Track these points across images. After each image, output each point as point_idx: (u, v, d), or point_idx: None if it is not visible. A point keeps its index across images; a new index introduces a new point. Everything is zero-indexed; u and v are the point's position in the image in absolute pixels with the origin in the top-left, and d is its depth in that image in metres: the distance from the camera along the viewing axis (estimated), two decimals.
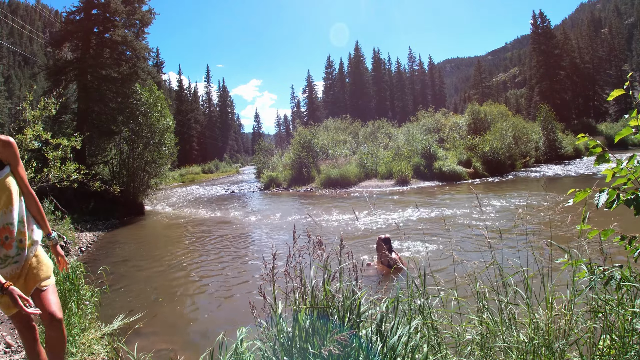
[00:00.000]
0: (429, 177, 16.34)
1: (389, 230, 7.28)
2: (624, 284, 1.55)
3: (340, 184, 16.63)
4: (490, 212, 8.32)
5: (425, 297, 1.96)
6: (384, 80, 69.19)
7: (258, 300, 1.81)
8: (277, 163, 22.55)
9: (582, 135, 1.67)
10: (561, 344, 1.54)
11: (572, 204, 1.65)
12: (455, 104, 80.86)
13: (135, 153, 12.13)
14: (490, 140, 18.36)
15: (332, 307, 1.80)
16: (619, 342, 1.49)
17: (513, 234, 5.74)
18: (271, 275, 1.81)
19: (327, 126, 28.46)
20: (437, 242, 6.04)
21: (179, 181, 31.04)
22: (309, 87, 71.62)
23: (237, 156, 70.94)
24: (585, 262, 1.69)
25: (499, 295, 1.88)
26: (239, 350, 1.76)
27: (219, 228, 9.22)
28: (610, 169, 1.59)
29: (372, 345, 1.62)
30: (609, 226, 1.66)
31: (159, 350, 3.15)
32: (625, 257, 1.84)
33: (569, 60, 48.26)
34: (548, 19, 48.18)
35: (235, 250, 6.86)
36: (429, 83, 77.16)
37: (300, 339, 1.68)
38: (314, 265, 1.94)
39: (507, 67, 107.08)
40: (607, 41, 55.34)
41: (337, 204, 11.85)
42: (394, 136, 23.92)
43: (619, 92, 1.62)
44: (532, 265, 1.99)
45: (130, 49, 13.64)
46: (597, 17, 75.56)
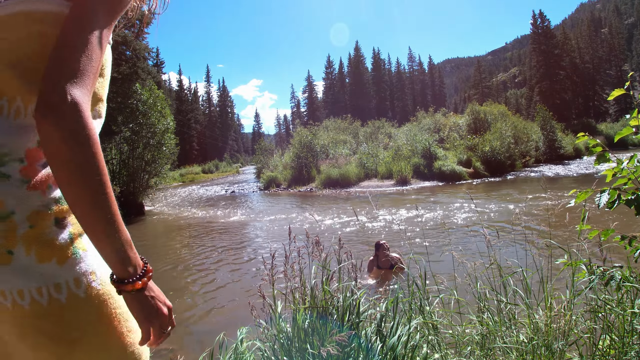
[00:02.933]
0: (429, 177, 16.34)
1: (389, 230, 7.28)
2: (624, 284, 1.55)
3: (340, 184, 16.63)
4: (490, 212, 8.32)
5: (425, 297, 1.96)
6: (384, 80, 69.23)
7: (258, 300, 1.81)
8: (277, 163, 22.54)
9: (582, 134, 1.66)
10: (561, 345, 1.54)
11: (572, 205, 1.65)
12: (455, 104, 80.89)
13: (136, 153, 12.13)
14: (490, 140, 18.36)
15: (332, 307, 1.80)
16: (619, 342, 1.49)
17: (512, 234, 5.73)
18: (270, 275, 1.81)
19: (327, 126, 28.46)
20: (437, 242, 6.04)
21: (179, 181, 31.05)
22: (309, 87, 71.66)
23: (237, 156, 70.94)
24: (585, 263, 1.69)
25: (499, 295, 1.88)
26: (239, 350, 1.76)
27: (219, 228, 9.22)
28: (611, 169, 1.59)
29: (372, 345, 1.62)
30: (609, 226, 1.66)
31: (158, 350, 3.14)
32: (622, 257, 1.85)
33: (569, 60, 48.27)
34: (548, 19, 48.20)
35: (235, 250, 6.87)
36: (428, 83, 77.21)
37: (300, 338, 1.68)
38: (313, 265, 1.94)
39: (507, 67, 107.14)
40: (607, 41, 55.37)
41: (337, 204, 11.85)
42: (394, 136, 23.92)
43: (619, 91, 1.62)
44: (532, 265, 1.99)
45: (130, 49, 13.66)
46: (597, 17, 75.60)
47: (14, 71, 0.63)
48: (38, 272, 0.59)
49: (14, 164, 0.61)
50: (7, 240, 0.59)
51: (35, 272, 0.59)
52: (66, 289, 0.60)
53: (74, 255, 0.63)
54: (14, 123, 0.63)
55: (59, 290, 0.60)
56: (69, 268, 0.62)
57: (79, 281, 0.62)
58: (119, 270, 0.61)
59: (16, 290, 0.58)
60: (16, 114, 0.63)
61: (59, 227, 0.63)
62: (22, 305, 0.58)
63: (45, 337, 0.59)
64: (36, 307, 0.58)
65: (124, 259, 0.61)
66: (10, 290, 0.58)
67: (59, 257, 0.61)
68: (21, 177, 0.61)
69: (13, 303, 0.58)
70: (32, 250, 0.60)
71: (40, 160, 0.64)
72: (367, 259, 4.67)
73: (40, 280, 0.59)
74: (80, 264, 0.63)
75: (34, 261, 0.60)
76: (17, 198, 0.60)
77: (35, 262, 0.59)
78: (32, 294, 0.58)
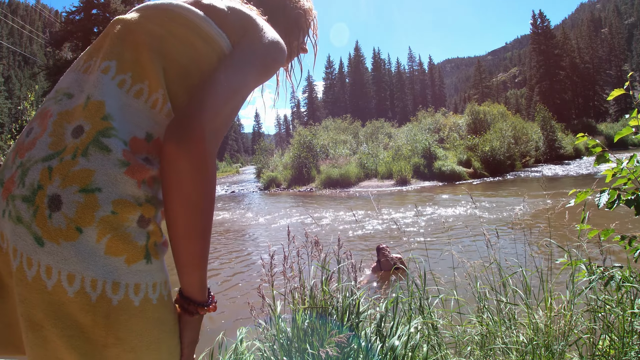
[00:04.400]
0: (428, 177, 16.34)
1: (389, 230, 7.29)
2: (624, 284, 1.55)
3: (340, 184, 16.62)
4: (490, 212, 8.32)
5: (425, 296, 1.96)
6: (384, 80, 69.27)
7: (257, 300, 1.81)
8: (277, 163, 22.53)
9: (582, 134, 1.66)
10: (561, 345, 1.54)
11: (572, 205, 1.64)
12: (455, 104, 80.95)
13: None
14: (490, 140, 18.36)
15: (331, 307, 1.80)
16: (619, 342, 1.49)
17: (512, 234, 5.73)
18: (270, 275, 1.81)
19: (327, 126, 28.45)
20: (436, 241, 6.04)
21: None
22: (309, 87, 71.65)
23: (237, 156, 70.97)
24: (584, 262, 1.69)
25: (498, 295, 1.88)
26: (239, 350, 1.76)
27: (219, 228, 9.23)
28: (611, 169, 1.59)
29: (372, 345, 1.62)
30: (609, 226, 1.66)
31: None
32: (621, 257, 1.84)
33: (569, 60, 48.31)
34: (548, 19, 48.26)
35: (234, 250, 6.87)
36: (428, 83, 77.23)
37: (299, 339, 1.67)
38: (312, 265, 1.94)
39: (507, 67, 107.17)
40: (607, 41, 55.42)
41: (337, 204, 11.85)
42: (394, 136, 23.91)
43: (619, 91, 1.61)
44: (532, 265, 1.99)
45: None
46: (597, 17, 75.62)
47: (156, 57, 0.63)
48: (102, 263, 0.53)
49: (119, 141, 0.57)
50: (81, 216, 0.52)
51: (98, 262, 0.52)
52: (124, 291, 0.54)
53: (145, 259, 0.57)
54: (132, 102, 0.61)
55: (116, 289, 0.53)
56: (136, 271, 0.55)
57: (139, 288, 0.56)
58: (200, 295, 0.63)
59: (67, 272, 0.51)
60: (137, 94, 0.62)
61: (140, 226, 0.57)
62: (67, 290, 0.51)
63: (75, 332, 0.52)
64: (82, 298, 0.51)
65: (204, 286, 0.64)
66: (60, 270, 0.51)
67: (130, 256, 0.55)
68: (122, 157, 0.56)
69: (56, 285, 0.51)
70: (104, 238, 0.53)
71: (141, 154, 0.59)
72: (367, 261, 4.68)
73: (100, 272, 0.52)
74: (148, 271, 0.57)
75: (102, 250, 0.53)
76: (110, 176, 0.54)
77: (103, 252, 0.53)
78: (84, 284, 0.52)
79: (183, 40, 0.65)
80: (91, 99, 0.59)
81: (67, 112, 0.60)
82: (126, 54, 0.63)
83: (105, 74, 0.61)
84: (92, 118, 0.58)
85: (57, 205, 0.53)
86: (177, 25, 0.65)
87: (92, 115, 0.58)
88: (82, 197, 0.53)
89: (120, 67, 0.62)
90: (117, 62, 0.62)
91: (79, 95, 0.62)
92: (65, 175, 0.54)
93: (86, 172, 0.54)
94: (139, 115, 0.61)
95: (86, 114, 0.58)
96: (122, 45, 0.64)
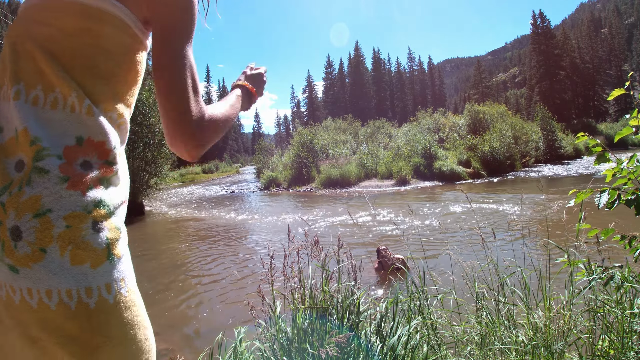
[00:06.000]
0: (428, 177, 16.34)
1: (389, 230, 7.29)
2: (623, 284, 1.55)
3: (340, 184, 16.63)
4: (490, 212, 8.32)
5: (424, 296, 1.96)
6: (384, 80, 69.26)
7: (257, 300, 1.81)
8: (277, 163, 22.53)
9: (582, 134, 1.66)
10: (560, 345, 1.54)
11: (572, 204, 1.64)
12: (455, 104, 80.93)
13: (135, 153, 12.11)
14: (489, 140, 18.36)
15: (331, 307, 1.80)
16: (618, 342, 1.49)
17: (511, 234, 5.74)
18: (269, 275, 1.81)
19: (327, 126, 28.45)
20: (436, 241, 6.04)
21: (179, 181, 31.03)
22: (309, 87, 71.66)
23: (237, 156, 70.95)
24: (583, 262, 1.69)
25: (497, 295, 1.88)
26: (238, 350, 1.76)
27: (219, 228, 9.22)
28: (611, 169, 1.59)
29: (372, 345, 1.62)
30: (608, 226, 1.66)
31: (158, 350, 3.13)
32: (620, 258, 1.84)
33: (569, 60, 48.31)
34: (548, 19, 48.27)
35: (234, 250, 6.87)
36: (428, 83, 77.22)
37: (299, 338, 1.67)
38: (312, 265, 1.94)
39: (507, 67, 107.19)
40: (607, 41, 55.42)
41: (337, 204, 11.85)
42: (394, 136, 23.91)
43: (619, 91, 1.61)
44: (531, 265, 1.99)
45: None
46: (597, 17, 75.63)
47: (53, 61, 0.61)
48: (71, 274, 0.57)
49: (53, 159, 0.59)
50: (41, 238, 0.56)
51: (67, 274, 0.57)
52: (97, 293, 0.59)
53: (108, 260, 0.62)
54: (52, 115, 0.61)
55: (89, 294, 0.58)
56: (102, 273, 0.60)
57: (110, 287, 0.61)
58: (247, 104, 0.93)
59: (45, 289, 0.56)
60: (52, 104, 0.61)
61: (95, 231, 0.61)
62: (49, 305, 0.56)
63: (67, 339, 0.57)
64: (63, 309, 0.57)
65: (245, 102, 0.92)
66: (38, 289, 0.56)
67: (94, 261, 0.59)
68: (61, 174, 0.59)
69: (39, 302, 0.56)
70: (66, 251, 0.57)
71: (78, 159, 0.61)
72: (367, 261, 4.68)
73: (72, 282, 0.57)
74: (113, 269, 0.62)
75: (68, 262, 0.57)
76: (54, 196, 0.58)
77: (69, 264, 0.57)
78: (61, 296, 0.57)
79: (73, 30, 0.63)
80: (18, 130, 0.61)
81: (1, 147, 0.63)
82: (28, 68, 0.63)
83: (18, 99, 0.62)
84: (24, 149, 0.60)
85: (19, 235, 0.57)
86: (62, 16, 0.63)
87: (23, 145, 0.60)
88: (37, 221, 0.57)
89: (28, 84, 0.62)
90: (24, 83, 0.63)
91: (7, 127, 0.64)
92: (17, 207, 0.58)
93: (34, 198, 0.58)
94: (62, 125, 0.62)
95: (21, 147, 0.61)
96: (20, 61, 0.64)
